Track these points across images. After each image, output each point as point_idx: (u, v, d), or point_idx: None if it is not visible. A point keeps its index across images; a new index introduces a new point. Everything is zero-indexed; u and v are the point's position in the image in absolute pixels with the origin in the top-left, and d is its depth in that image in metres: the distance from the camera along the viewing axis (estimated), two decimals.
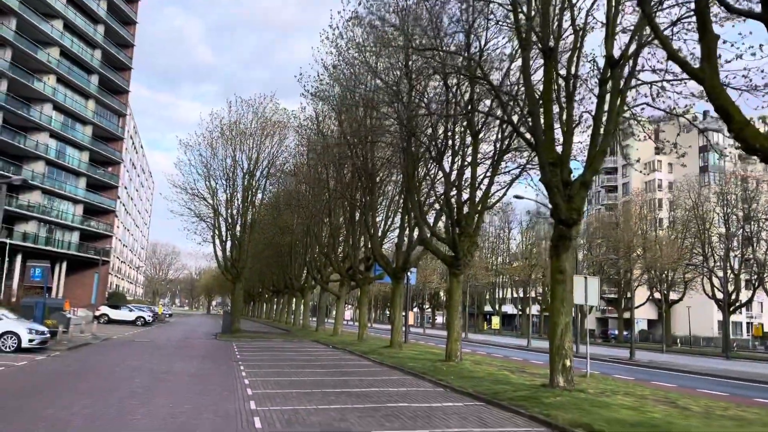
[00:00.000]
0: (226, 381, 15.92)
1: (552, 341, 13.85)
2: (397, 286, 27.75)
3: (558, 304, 13.84)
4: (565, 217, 13.60)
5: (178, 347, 27.88)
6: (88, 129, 69.65)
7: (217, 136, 40.40)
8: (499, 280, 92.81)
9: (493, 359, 25.75)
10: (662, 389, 16.95)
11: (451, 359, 20.21)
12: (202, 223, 41.81)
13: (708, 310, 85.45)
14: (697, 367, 28.24)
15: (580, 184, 13.65)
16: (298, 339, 37.03)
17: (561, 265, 13.89)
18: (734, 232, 52.76)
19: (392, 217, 34.06)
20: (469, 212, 20.08)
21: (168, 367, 18.55)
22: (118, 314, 51.40)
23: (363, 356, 24.69)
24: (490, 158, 21.80)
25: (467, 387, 14.82)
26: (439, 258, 21.58)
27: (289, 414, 11.10)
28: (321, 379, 16.67)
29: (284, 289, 63.11)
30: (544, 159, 13.66)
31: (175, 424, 9.88)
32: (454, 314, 20.44)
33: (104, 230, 76.02)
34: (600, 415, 10.87)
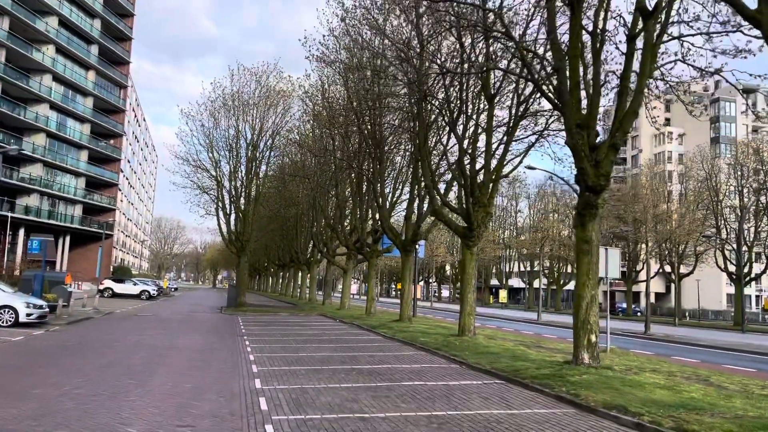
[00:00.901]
0: (231, 357, 15.16)
1: (577, 315, 12.96)
2: (406, 258, 26.89)
3: (583, 277, 12.92)
4: (593, 183, 12.60)
5: (182, 321, 27.22)
6: (88, 101, 68.51)
7: (219, 105, 39.29)
8: (506, 254, 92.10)
9: (505, 333, 24.99)
10: (688, 365, 16.13)
11: (464, 334, 19.42)
12: (206, 195, 40.96)
13: (716, 283, 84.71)
14: (716, 342, 27.43)
15: (608, 148, 12.62)
16: (304, 313, 36.38)
17: (587, 235, 12.94)
18: (748, 203, 51.59)
19: (400, 189, 33.09)
20: (483, 181, 19.08)
21: (170, 343, 17.81)
22: (123, 288, 50.85)
23: (372, 330, 23.95)
24: (504, 125, 20.75)
25: (484, 364, 14.01)
26: (451, 229, 20.65)
27: (297, 394, 10.30)
28: (329, 355, 15.90)
29: (290, 262, 62.49)
30: (571, 120, 12.61)
31: (173, 406, 9.07)
32: (468, 287, 19.58)
33: (107, 204, 75.38)
34: (634, 395, 10.02)
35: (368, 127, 26.59)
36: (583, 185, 12.75)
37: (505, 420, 8.81)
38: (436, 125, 23.52)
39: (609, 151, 12.63)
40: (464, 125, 19.51)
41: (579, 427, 8.47)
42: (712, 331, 40.00)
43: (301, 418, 8.54)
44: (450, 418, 8.85)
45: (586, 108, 13.58)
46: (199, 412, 8.74)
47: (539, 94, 18.98)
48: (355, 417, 8.66)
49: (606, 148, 12.76)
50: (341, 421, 8.35)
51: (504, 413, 9.29)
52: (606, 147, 12.74)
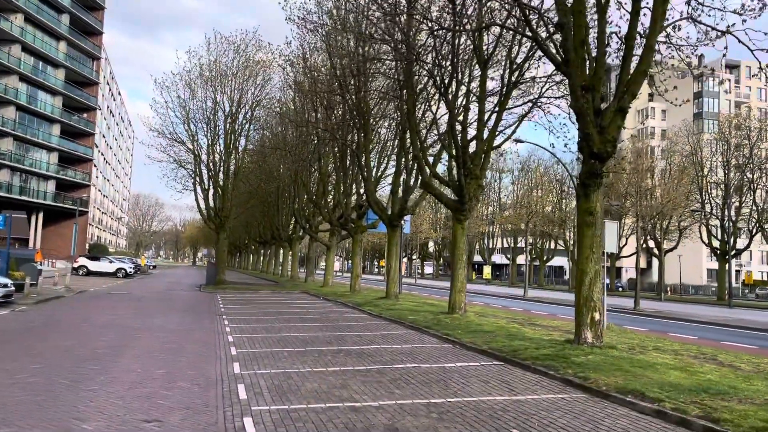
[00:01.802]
0: (208, 338, 14.15)
1: (579, 291, 12.12)
2: (392, 234, 25.94)
3: (587, 250, 12.05)
4: (598, 149, 11.68)
5: (158, 300, 26.09)
6: (60, 72, 66.05)
7: (195, 76, 37.67)
8: (489, 230, 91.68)
9: (495, 310, 24.26)
10: (688, 342, 15.47)
11: (454, 311, 18.59)
12: (182, 170, 39.47)
13: (697, 258, 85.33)
14: (707, 317, 26.99)
15: (615, 111, 11.67)
16: (286, 291, 35.41)
17: (591, 205, 12.04)
18: (732, 178, 51.31)
19: (386, 163, 32.01)
20: (476, 151, 18.09)
21: (143, 323, 16.74)
22: (98, 266, 49.30)
23: (357, 308, 23.06)
24: (497, 93, 19.71)
25: (480, 343, 13.17)
26: (441, 202, 19.70)
27: (280, 379, 9.35)
28: (314, 335, 14.96)
29: (271, 239, 61.29)
30: (576, 81, 11.63)
31: (140, 396, 8.06)
32: (459, 263, 18.70)
33: (81, 180, 73.26)
34: (647, 378, 9.22)
35: (352, 97, 25.39)
36: (587, 152, 11.82)
37: (511, 408, 7.95)
38: (426, 93, 22.41)
39: (616, 115, 11.70)
40: (455, 92, 18.43)
41: (594, 415, 7.64)
42: (699, 306, 39.81)
43: (284, 408, 7.60)
44: (450, 406, 7.96)
45: (589, 70, 12.61)
46: (169, 403, 7.74)
47: (535, 59, 18.02)
48: (345, 407, 7.73)
49: (612, 112, 11.82)
50: (330, 412, 7.42)
51: (508, 400, 8.43)
52: (613, 111, 11.80)
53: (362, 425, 6.89)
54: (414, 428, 6.83)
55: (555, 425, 7.15)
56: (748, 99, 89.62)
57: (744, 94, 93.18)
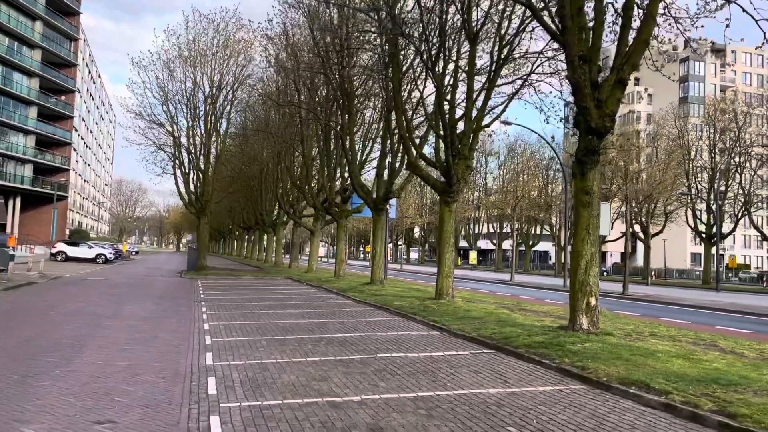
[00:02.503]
0: (182, 326, 13.37)
1: (574, 275, 11.48)
2: (378, 218, 25.18)
3: (583, 232, 11.39)
4: (596, 124, 10.98)
5: (135, 286, 25.19)
6: (36, 53, 64.23)
7: (174, 56, 36.45)
8: (474, 215, 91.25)
9: (482, 295, 23.67)
10: (683, 327, 14.92)
11: (441, 297, 17.93)
12: (162, 153, 38.33)
13: (681, 243, 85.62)
14: (696, 301, 26.62)
15: (614, 83, 10.97)
16: (269, 276, 34.63)
17: (587, 185, 11.36)
18: (719, 162, 51.10)
19: (370, 146, 31.20)
20: (464, 130, 17.33)
21: (115, 311, 15.90)
22: (77, 251, 48.08)
23: (342, 294, 22.37)
24: (486, 71, 18.94)
25: (469, 330, 12.52)
26: (429, 184, 18.96)
27: (255, 371, 8.62)
28: (295, 323, 14.23)
29: (255, 225, 60.30)
30: (573, 51, 10.90)
31: (96, 392, 7.29)
32: (446, 247, 18.01)
33: (60, 164, 71.66)
34: (650, 367, 8.60)
35: (336, 75, 24.49)
36: (584, 127, 11.12)
37: (506, 401, 7.29)
38: (412, 71, 21.59)
39: (615, 87, 11.00)
40: (443, 69, 17.63)
41: (596, 410, 6.99)
42: (686, 290, 39.61)
43: (257, 404, 6.87)
44: (439, 400, 7.28)
45: (585, 41, 11.88)
46: (128, 400, 6.98)
47: (527, 33, 17.27)
48: (324, 402, 7.02)
49: (611, 84, 11.12)
50: (307, 409, 6.71)
51: (502, 392, 7.77)
52: (611, 83, 11.09)
53: (342, 424, 6.18)
54: (400, 427, 6.14)
55: (555, 421, 6.49)
56: (734, 83, 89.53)
57: (729, 78, 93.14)
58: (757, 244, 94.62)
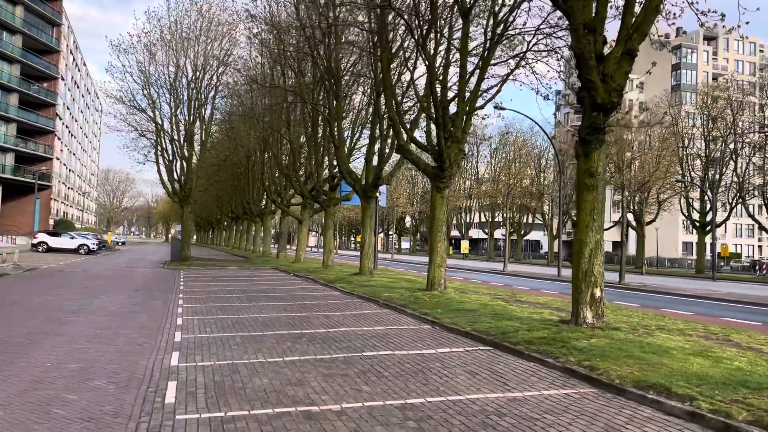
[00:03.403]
0: (152, 321, 12.36)
1: (577, 264, 10.54)
2: (367, 206, 24.18)
3: (586, 217, 10.44)
4: (602, 99, 10.01)
5: (113, 278, 24.10)
6: (17, 39, 62.47)
7: (156, 39, 35.10)
8: (466, 204, 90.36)
9: (476, 286, 22.77)
10: (689, 320, 14.07)
11: (433, 288, 16.99)
12: (143, 140, 37.05)
13: (672, 231, 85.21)
14: (695, 291, 25.84)
15: (622, 55, 9.99)
16: (255, 267, 33.59)
17: (592, 166, 10.40)
18: (713, 149, 50.39)
19: (359, 132, 30.15)
20: (457, 112, 16.32)
21: (84, 304, 14.84)
22: (58, 242, 46.83)
23: (329, 285, 21.39)
24: (479, 54, 17.93)
25: (462, 324, 11.59)
26: (419, 169, 17.96)
27: (224, 374, 7.65)
28: (276, 317, 13.24)
29: (243, 214, 59.13)
30: (578, 17, 9.90)
31: (31, 403, 6.27)
32: (438, 236, 17.05)
33: (43, 152, 70.03)
34: (667, 367, 7.69)
35: (322, 57, 23.39)
36: (589, 103, 10.15)
37: (508, 409, 6.35)
38: (402, 52, 20.54)
39: (623, 59, 10.02)
40: (435, 44, 16.59)
41: (612, 419, 6.06)
42: (681, 279, 38.93)
43: (219, 416, 5.90)
44: (431, 408, 6.33)
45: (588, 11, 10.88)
46: (67, 412, 5.97)
47: (523, 10, 16.25)
48: (298, 412, 6.06)
49: (618, 55, 10.14)
50: (277, 421, 5.74)
51: (503, 398, 6.83)
52: (618, 54, 10.11)
53: None
54: None
55: None
56: (726, 71, 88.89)
57: (722, 66, 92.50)
58: (749, 233, 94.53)
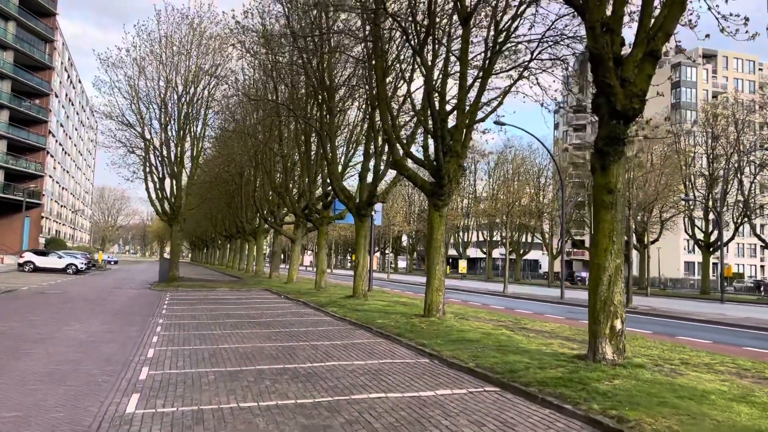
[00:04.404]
0: (121, 352, 11.12)
1: (595, 292, 9.36)
2: (361, 224, 23.01)
3: (605, 239, 9.29)
4: (622, 106, 8.92)
5: (94, 300, 22.81)
6: (8, 55, 61.66)
7: (146, 53, 34.13)
8: (463, 223, 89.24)
9: (476, 310, 21.52)
10: (711, 350, 12.85)
11: (431, 314, 15.78)
12: (132, 155, 35.89)
13: (674, 251, 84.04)
14: (707, 315, 24.58)
15: (644, 56, 8.92)
16: (246, 288, 32.28)
17: (610, 181, 9.27)
18: (716, 167, 49.46)
19: (354, 149, 29.12)
20: (456, 125, 15.25)
21: (50, 332, 13.58)
22: (46, 261, 45.50)
23: (320, 309, 20.14)
24: (478, 68, 16.92)
25: (465, 358, 10.36)
26: (416, 185, 16.85)
27: (184, 425, 6.42)
28: (259, 347, 12.01)
29: (236, 233, 57.90)
30: (595, 14, 8.85)
31: None
32: (436, 257, 15.87)
33: (34, 170, 68.85)
34: (711, 419, 6.48)
35: (315, 69, 22.38)
36: (607, 110, 9.05)
37: None
38: (398, 64, 19.53)
39: (645, 61, 8.94)
40: (433, 53, 15.58)
41: None
42: (688, 302, 37.71)
43: None
44: None
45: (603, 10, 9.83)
46: None
47: (526, 17, 15.24)
48: None
49: (638, 58, 9.06)
50: None
51: None
52: (638, 56, 9.03)
53: None
54: None
55: None
56: (726, 89, 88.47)
57: (721, 84, 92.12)
58: (750, 253, 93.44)
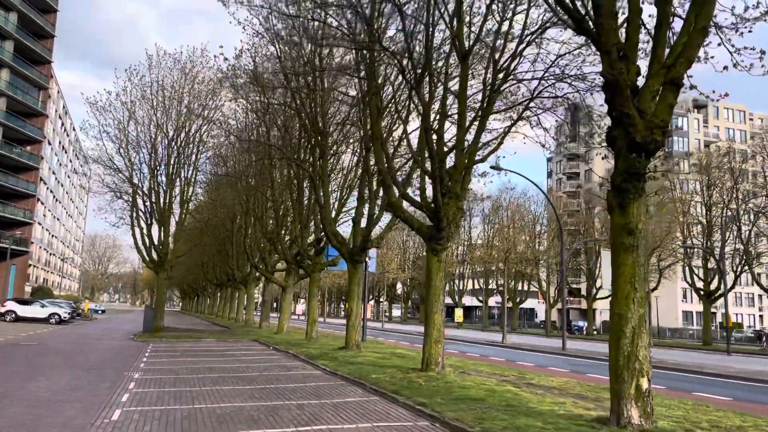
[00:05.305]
0: (82, 416, 9.88)
1: (617, 346, 8.30)
2: (354, 271, 21.91)
3: (625, 286, 8.29)
4: (642, 138, 8.07)
5: (69, 353, 21.44)
6: (1, 101, 61.31)
7: (137, 98, 33.58)
8: (457, 271, 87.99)
9: (476, 362, 20.29)
10: (735, 408, 11.70)
11: (429, 368, 14.59)
12: (121, 201, 34.86)
13: (671, 300, 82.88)
14: (720, 369, 23.32)
15: (665, 85, 8.14)
16: (234, 338, 30.87)
17: (630, 221, 8.34)
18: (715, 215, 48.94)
19: (347, 194, 28.28)
20: (456, 165, 14.42)
21: (10, 389, 12.30)
22: (28, 311, 44.01)
23: (310, 362, 18.87)
24: (475, 108, 16.26)
25: (470, 422, 9.19)
26: (413, 228, 15.89)
27: None
28: (239, 408, 10.79)
29: (227, 281, 56.50)
30: (610, 38, 8.09)
31: None
32: (435, 306, 14.79)
33: (23, 217, 67.65)
34: None
35: (309, 113, 21.73)
36: (624, 142, 8.21)
37: None
38: (393, 103, 18.86)
39: (666, 90, 8.15)
40: (430, 90, 14.87)
41: None
42: (692, 353, 36.45)
43: None
44: None
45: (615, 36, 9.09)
46: None
47: (525, 56, 14.63)
48: None
49: (654, 89, 8.28)
50: None
51: None
52: (655, 86, 8.25)
53: None
54: None
55: None
56: (718, 138, 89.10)
57: (713, 133, 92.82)
58: (748, 302, 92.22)
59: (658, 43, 9.02)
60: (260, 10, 17.99)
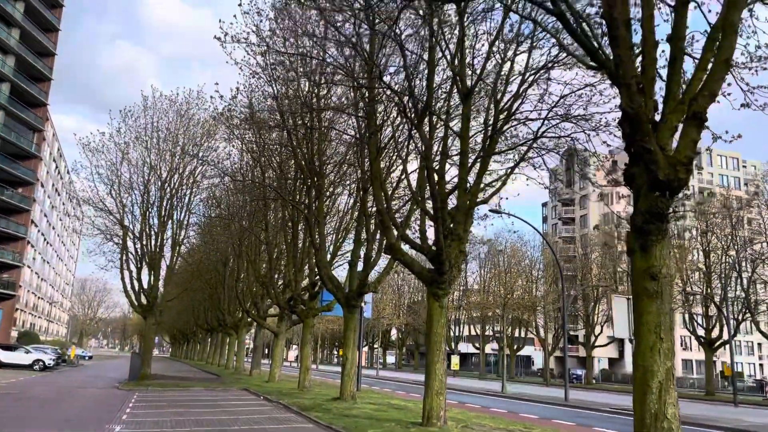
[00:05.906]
0: None
1: (642, 403, 7.55)
2: (350, 317, 21.08)
3: (650, 336, 7.60)
4: (665, 175, 7.51)
5: (48, 402, 20.32)
6: None
7: (132, 139, 33.22)
8: (453, 317, 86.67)
9: (478, 414, 19.28)
10: None
11: (431, 422, 13.67)
12: (110, 243, 34.09)
13: None
14: (732, 422, 22.32)
15: (687, 120, 7.64)
16: (223, 387, 29.64)
17: (653, 265, 7.69)
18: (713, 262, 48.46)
19: (343, 237, 27.67)
20: (458, 206, 13.86)
21: None
22: (11, 357, 42.62)
23: (302, 414, 17.84)
24: (476, 150, 15.86)
25: None
26: (413, 272, 15.22)
27: None
28: None
29: (218, 326, 55.19)
30: (629, 69, 7.63)
31: None
32: (436, 354, 13.97)
33: (12, 260, 66.49)
34: None
35: (305, 153, 21.29)
36: (645, 180, 7.65)
37: None
38: (393, 142, 18.43)
39: (689, 125, 7.65)
40: (430, 128, 14.44)
41: None
42: (698, 405, 35.28)
43: None
44: None
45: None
46: None
47: (527, 97, 14.26)
48: None
49: (673, 125, 7.79)
50: None
51: None
52: (675, 122, 7.76)
53: None
54: None
55: None
56: (711, 185, 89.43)
57: (707, 180, 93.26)
58: (748, 351, 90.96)
59: (672, 80, 8.58)
60: (257, 47, 17.68)
